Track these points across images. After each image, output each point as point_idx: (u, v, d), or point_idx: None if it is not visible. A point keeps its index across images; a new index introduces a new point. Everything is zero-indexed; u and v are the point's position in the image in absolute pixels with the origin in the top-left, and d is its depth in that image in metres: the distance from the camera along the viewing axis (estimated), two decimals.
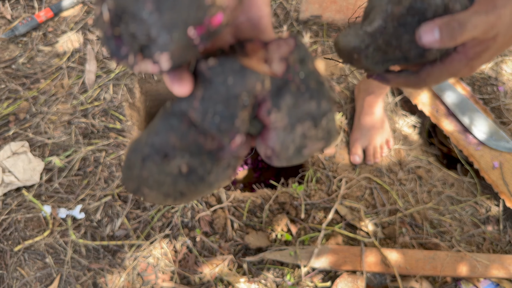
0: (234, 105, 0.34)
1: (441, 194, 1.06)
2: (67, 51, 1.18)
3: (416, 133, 1.15)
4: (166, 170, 0.35)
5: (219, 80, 0.34)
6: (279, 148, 0.36)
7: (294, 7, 1.27)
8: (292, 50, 0.36)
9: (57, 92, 1.12)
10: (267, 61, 0.36)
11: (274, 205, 1.02)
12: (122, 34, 0.30)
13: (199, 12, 0.29)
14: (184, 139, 0.35)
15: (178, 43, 0.30)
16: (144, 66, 0.31)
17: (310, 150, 0.38)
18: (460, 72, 0.44)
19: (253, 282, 0.93)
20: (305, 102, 0.36)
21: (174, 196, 0.37)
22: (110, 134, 1.07)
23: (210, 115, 0.34)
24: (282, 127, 0.36)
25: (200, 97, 0.34)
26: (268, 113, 0.35)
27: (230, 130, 0.35)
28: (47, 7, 1.23)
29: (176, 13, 0.28)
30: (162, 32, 0.29)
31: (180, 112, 0.35)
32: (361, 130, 1.08)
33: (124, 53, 0.30)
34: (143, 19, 0.28)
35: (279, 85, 0.35)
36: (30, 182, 0.99)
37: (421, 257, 0.94)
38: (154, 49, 0.30)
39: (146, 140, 0.35)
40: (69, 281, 0.92)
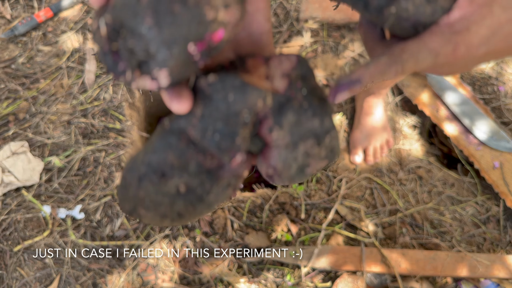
0: (234, 122, 0.33)
1: (442, 194, 1.06)
2: (67, 51, 1.18)
3: (416, 133, 1.15)
4: (164, 190, 0.34)
5: (219, 97, 0.33)
6: (281, 167, 0.35)
7: (294, 6, 1.27)
8: (294, 66, 0.36)
9: (56, 92, 1.12)
10: (268, 77, 0.35)
11: (274, 205, 1.01)
12: (120, 49, 0.29)
13: (200, 28, 0.28)
14: (182, 157, 0.34)
15: (177, 59, 0.29)
16: (142, 83, 0.30)
17: (312, 169, 0.37)
18: (443, 51, 0.34)
19: (253, 283, 0.93)
20: (308, 119, 0.35)
21: (171, 217, 0.35)
22: (110, 134, 1.07)
23: (210, 133, 0.33)
24: (284, 145, 0.35)
25: (199, 115, 0.33)
26: (269, 130, 0.34)
27: (231, 149, 0.34)
28: (47, 7, 1.23)
29: (176, 29, 0.28)
30: (161, 48, 0.28)
31: (179, 129, 0.34)
32: (361, 130, 1.08)
33: (122, 69, 0.29)
34: (142, 34, 0.28)
35: (281, 102, 0.34)
36: (29, 182, 0.99)
37: (422, 258, 0.94)
38: (152, 65, 0.29)
39: (143, 158, 0.34)
40: (69, 281, 0.92)
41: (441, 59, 0.34)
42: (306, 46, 1.19)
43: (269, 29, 0.39)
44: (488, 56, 0.36)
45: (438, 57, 0.34)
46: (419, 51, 0.34)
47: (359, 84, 0.33)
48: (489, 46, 0.34)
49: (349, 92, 0.33)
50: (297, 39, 1.21)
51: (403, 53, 0.34)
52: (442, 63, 0.34)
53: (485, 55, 0.35)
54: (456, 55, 0.34)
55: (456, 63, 0.35)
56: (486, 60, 0.37)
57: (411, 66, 0.34)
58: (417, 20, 0.35)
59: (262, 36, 0.39)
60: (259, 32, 0.38)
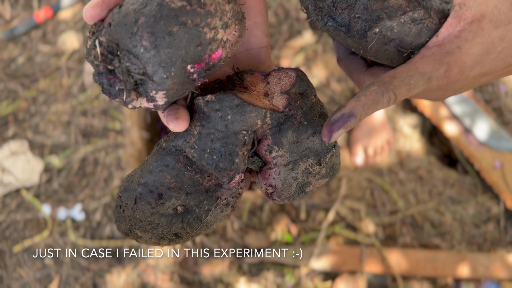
0: (233, 142, 0.32)
1: (442, 194, 1.06)
2: (66, 50, 1.18)
3: (417, 133, 1.15)
4: (160, 211, 0.33)
5: (217, 117, 0.32)
6: (281, 186, 0.34)
7: (295, 6, 1.27)
8: (293, 82, 0.35)
9: (56, 92, 1.12)
10: (267, 95, 0.35)
11: (274, 205, 1.01)
12: (115, 70, 0.28)
13: (198, 49, 0.28)
14: (179, 178, 0.33)
15: (175, 80, 0.28)
16: (138, 103, 0.30)
17: (313, 187, 0.36)
18: (435, 75, 0.31)
19: (253, 283, 0.93)
20: (308, 138, 0.34)
21: (169, 238, 0.35)
22: (110, 134, 1.06)
23: (208, 153, 0.32)
24: (283, 165, 0.34)
25: (197, 134, 0.32)
26: (269, 150, 0.33)
27: (229, 169, 0.33)
28: (47, 6, 1.23)
29: (174, 50, 0.27)
30: (159, 69, 0.27)
31: (176, 149, 0.33)
32: (361, 130, 1.08)
33: (117, 90, 0.29)
34: (139, 55, 0.27)
35: (280, 120, 0.33)
36: (29, 183, 0.99)
37: (422, 258, 0.94)
38: (150, 86, 0.28)
39: (139, 179, 0.33)
40: (69, 281, 0.92)
41: (434, 83, 0.32)
42: (306, 46, 1.19)
43: (267, 44, 0.38)
44: (483, 78, 0.34)
45: (431, 81, 0.32)
46: (410, 76, 0.32)
47: (353, 119, 0.31)
48: (483, 66, 0.32)
49: (345, 129, 0.31)
50: (297, 39, 1.21)
51: (394, 79, 0.32)
52: (435, 87, 0.33)
53: (480, 76, 0.33)
54: (449, 77, 0.32)
55: (450, 87, 0.33)
56: (481, 83, 0.35)
57: (404, 93, 0.32)
58: (402, 40, 0.33)
59: (260, 50, 0.38)
60: (257, 47, 0.38)
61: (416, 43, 0.33)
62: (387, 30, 0.33)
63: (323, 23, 0.35)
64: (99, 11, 0.29)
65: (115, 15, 0.28)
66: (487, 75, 0.33)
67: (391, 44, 0.33)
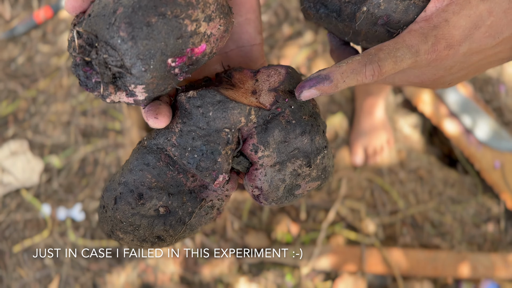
0: (215, 141, 0.31)
1: (442, 194, 1.06)
2: (66, 50, 1.18)
3: (417, 133, 1.15)
4: (141, 212, 0.32)
5: (198, 113, 0.30)
6: (267, 188, 0.33)
7: (295, 6, 1.27)
8: (282, 80, 0.33)
9: (56, 92, 1.12)
10: (255, 92, 0.33)
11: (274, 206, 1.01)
12: (92, 62, 0.27)
13: (179, 42, 0.27)
14: (161, 178, 0.32)
15: (155, 73, 0.27)
16: (117, 98, 0.28)
17: (303, 190, 0.35)
18: (422, 48, 0.31)
19: (253, 283, 0.93)
20: (297, 137, 0.32)
21: (151, 241, 0.33)
22: (109, 134, 1.06)
23: (189, 152, 0.31)
24: (270, 165, 0.32)
25: (178, 132, 0.31)
26: (254, 150, 0.32)
27: (211, 169, 0.31)
28: (47, 6, 1.23)
29: (152, 42, 0.26)
30: (137, 62, 0.26)
31: (157, 148, 0.32)
32: (361, 131, 1.08)
33: (94, 82, 0.28)
34: (116, 47, 0.26)
35: (267, 118, 0.32)
36: (29, 183, 0.99)
37: (422, 258, 0.93)
38: (128, 80, 0.27)
39: (119, 178, 0.32)
40: (68, 281, 0.92)
41: (422, 56, 0.31)
42: (306, 45, 1.19)
43: (260, 41, 0.37)
44: (474, 56, 0.33)
45: (418, 54, 0.31)
46: (397, 48, 0.31)
47: (328, 82, 0.30)
48: (472, 41, 0.32)
49: (318, 90, 0.31)
50: (297, 39, 1.21)
51: (379, 51, 0.31)
52: (424, 63, 0.32)
53: (470, 54, 0.32)
54: (437, 51, 0.31)
55: (440, 64, 0.32)
56: (473, 64, 0.34)
57: (390, 65, 0.31)
58: (389, 18, 0.33)
59: (252, 48, 0.37)
60: (249, 44, 0.36)
61: (404, 20, 0.33)
62: (374, 8, 0.33)
63: (315, 10, 0.36)
64: (81, 2, 0.29)
65: (95, 6, 0.27)
66: (478, 52, 0.32)
67: (379, 23, 0.34)
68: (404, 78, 0.36)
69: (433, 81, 0.35)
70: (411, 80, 0.36)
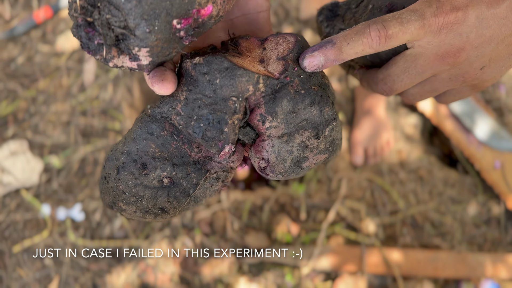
0: (222, 110, 0.29)
1: (442, 194, 1.06)
2: (66, 50, 1.18)
3: (417, 133, 1.15)
4: (145, 182, 0.31)
5: (205, 80, 0.29)
6: (274, 160, 0.32)
7: (295, 6, 1.27)
8: (291, 48, 0.32)
9: (56, 92, 1.11)
10: (263, 61, 0.32)
11: (274, 206, 1.01)
12: (95, 22, 0.26)
13: (185, 2, 0.25)
14: (165, 148, 0.30)
15: (159, 35, 0.26)
16: (120, 62, 0.27)
17: (311, 163, 0.33)
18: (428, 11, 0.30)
19: (253, 283, 0.93)
20: (305, 108, 0.31)
21: (154, 212, 0.32)
22: (109, 134, 1.06)
23: (195, 121, 0.30)
24: (277, 136, 0.31)
25: (183, 100, 0.30)
26: (262, 120, 0.31)
27: (218, 139, 0.30)
28: (46, 6, 1.22)
29: (157, 1, 0.24)
30: (141, 22, 0.25)
31: (162, 116, 0.31)
32: (361, 131, 1.07)
33: (97, 44, 0.26)
34: (119, 6, 0.24)
35: (275, 87, 0.31)
36: (29, 183, 0.99)
37: (422, 258, 0.93)
38: (132, 42, 0.26)
39: (122, 147, 0.31)
40: (68, 282, 0.91)
41: (429, 21, 0.30)
42: None
43: (267, 8, 0.35)
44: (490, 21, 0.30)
45: (424, 17, 0.30)
46: (401, 12, 0.30)
47: (331, 45, 0.29)
48: (480, 2, 0.30)
49: (321, 53, 0.30)
50: None
51: (384, 16, 0.31)
52: (434, 29, 0.30)
53: (484, 19, 0.30)
54: (443, 13, 0.30)
55: (452, 30, 0.30)
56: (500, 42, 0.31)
57: (396, 27, 0.30)
58: (393, 4, 0.33)
59: (259, 15, 0.35)
60: (255, 11, 0.35)
61: (408, 3, 0.33)
62: (378, 1, 0.33)
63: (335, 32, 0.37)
64: None
65: None
66: (494, 16, 0.30)
67: (383, 11, 0.33)
68: (430, 85, 0.34)
69: (463, 69, 0.32)
70: (441, 81, 0.34)
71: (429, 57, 0.32)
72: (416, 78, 0.33)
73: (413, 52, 0.32)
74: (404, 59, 0.33)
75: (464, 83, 0.34)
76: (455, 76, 0.33)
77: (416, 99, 0.37)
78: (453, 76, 0.33)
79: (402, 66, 0.33)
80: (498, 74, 0.33)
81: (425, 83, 0.35)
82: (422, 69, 0.32)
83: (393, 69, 0.34)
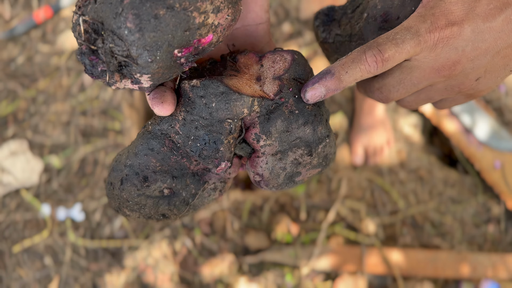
0: (218, 131, 0.31)
1: (442, 194, 1.06)
2: (66, 50, 1.18)
3: (417, 133, 1.15)
4: (146, 193, 0.33)
5: (202, 103, 0.31)
6: (268, 175, 0.33)
7: (295, 6, 1.27)
8: (287, 67, 0.33)
9: (55, 91, 1.11)
10: (259, 79, 0.33)
11: (274, 206, 1.01)
12: (98, 50, 0.27)
13: (186, 34, 0.27)
14: (165, 162, 0.32)
15: (161, 64, 0.27)
16: (122, 85, 0.29)
17: (303, 177, 0.35)
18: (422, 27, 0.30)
19: (253, 283, 0.93)
20: (299, 127, 0.32)
21: (156, 218, 0.35)
22: (109, 134, 1.06)
23: (192, 141, 0.31)
24: (271, 154, 0.33)
25: (182, 120, 0.31)
26: (256, 139, 0.32)
27: (214, 157, 0.32)
28: (46, 5, 1.22)
29: (160, 35, 0.26)
30: (143, 53, 0.26)
31: (162, 133, 0.32)
32: (361, 131, 1.07)
33: (100, 70, 0.28)
34: (123, 37, 0.26)
35: (270, 108, 0.32)
36: (28, 183, 0.99)
37: (422, 258, 0.93)
38: (134, 69, 0.27)
39: (125, 161, 0.33)
40: (68, 282, 0.91)
41: (424, 37, 0.30)
42: (306, 45, 1.19)
43: (266, 20, 0.36)
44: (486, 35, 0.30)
45: (419, 34, 0.30)
46: (395, 32, 0.31)
47: (330, 75, 0.30)
48: (476, 16, 0.30)
49: (321, 85, 0.30)
50: (297, 39, 1.21)
51: (378, 39, 0.31)
52: (430, 44, 0.30)
53: (480, 32, 0.30)
54: (438, 28, 0.30)
55: (448, 44, 0.30)
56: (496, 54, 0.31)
57: (391, 49, 0.30)
58: (387, 14, 0.33)
59: (258, 27, 0.36)
60: (255, 23, 0.36)
61: (403, 14, 0.33)
62: (372, 10, 0.34)
63: (331, 40, 0.38)
64: None
65: None
66: (490, 30, 0.30)
67: (378, 22, 0.34)
68: (425, 95, 0.35)
69: (458, 80, 0.33)
70: (437, 91, 0.34)
71: (425, 70, 0.32)
72: (411, 89, 0.34)
73: (409, 64, 0.32)
74: (400, 71, 0.33)
75: (460, 93, 0.34)
76: (450, 86, 0.33)
77: (412, 106, 0.37)
78: (448, 87, 0.34)
79: (397, 77, 0.33)
80: (493, 84, 0.34)
81: (420, 92, 0.35)
82: (417, 81, 0.33)
83: (389, 79, 0.34)
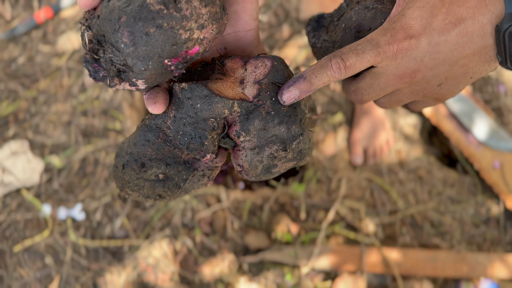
0: (202, 127, 0.36)
1: (442, 194, 1.06)
2: (67, 51, 1.18)
3: (416, 133, 1.15)
4: (144, 177, 0.38)
5: (188, 104, 0.36)
6: (247, 166, 0.38)
7: (294, 6, 1.27)
8: (267, 73, 0.38)
9: (56, 92, 1.12)
10: (242, 82, 0.38)
11: (274, 205, 1.01)
12: (100, 59, 0.32)
13: (174, 48, 0.32)
14: (160, 151, 0.38)
15: (153, 71, 0.32)
16: (121, 87, 0.34)
17: (279, 169, 0.40)
18: (382, 40, 0.34)
19: (253, 283, 0.93)
20: (275, 126, 0.37)
21: (153, 197, 0.40)
22: (110, 134, 1.07)
23: (180, 135, 0.37)
24: (250, 148, 0.38)
25: (172, 117, 0.37)
26: (237, 135, 0.37)
27: (199, 150, 0.37)
28: (47, 6, 1.23)
29: (151, 48, 0.31)
30: (137, 62, 0.31)
31: (156, 127, 0.38)
32: (361, 131, 1.08)
33: (102, 76, 0.33)
34: (120, 50, 0.31)
35: (249, 109, 0.37)
36: (29, 182, 0.99)
37: (422, 258, 0.94)
38: (131, 75, 0.32)
39: (126, 149, 0.39)
40: (69, 281, 0.92)
41: (384, 48, 0.34)
42: (306, 45, 1.19)
43: (255, 27, 0.41)
44: (441, 47, 0.33)
45: (379, 45, 0.34)
46: (358, 43, 0.35)
47: (302, 79, 0.35)
48: (433, 30, 0.33)
49: (295, 88, 0.35)
50: (297, 39, 1.21)
51: (342, 49, 0.35)
52: (389, 55, 0.34)
53: (437, 44, 0.33)
54: (397, 41, 0.34)
55: (406, 55, 0.34)
56: (454, 64, 0.34)
57: (352, 58, 0.34)
58: (360, 25, 0.39)
59: (247, 33, 0.41)
60: (244, 30, 0.40)
61: (374, 26, 0.38)
62: (348, 21, 0.40)
63: (319, 45, 0.45)
64: (92, 1, 0.32)
65: (103, 8, 0.32)
66: (445, 42, 0.33)
67: (353, 32, 0.39)
68: (396, 97, 0.39)
69: (421, 86, 0.37)
70: (404, 94, 0.38)
71: (389, 76, 0.36)
72: (380, 93, 0.39)
73: (376, 71, 0.37)
74: (370, 76, 0.38)
75: (425, 96, 0.38)
76: (415, 91, 0.38)
77: (386, 107, 0.42)
78: (414, 91, 0.38)
79: (368, 82, 0.38)
80: (456, 89, 0.38)
81: (391, 95, 0.40)
82: (384, 85, 0.37)
83: (361, 83, 0.39)
